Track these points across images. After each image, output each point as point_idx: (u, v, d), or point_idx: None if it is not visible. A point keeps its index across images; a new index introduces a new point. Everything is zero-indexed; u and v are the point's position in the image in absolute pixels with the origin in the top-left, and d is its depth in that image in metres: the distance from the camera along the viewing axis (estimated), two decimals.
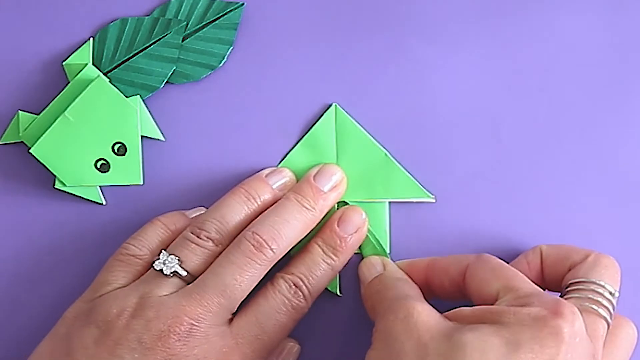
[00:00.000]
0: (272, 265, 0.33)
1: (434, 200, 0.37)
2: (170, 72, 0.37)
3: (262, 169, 0.37)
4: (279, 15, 0.38)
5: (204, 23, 0.37)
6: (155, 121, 0.37)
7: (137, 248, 0.34)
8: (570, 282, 0.31)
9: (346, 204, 0.37)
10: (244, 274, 0.32)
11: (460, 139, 0.37)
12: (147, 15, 0.37)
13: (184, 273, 0.32)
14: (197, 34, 0.37)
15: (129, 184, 0.36)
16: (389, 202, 0.37)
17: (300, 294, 0.33)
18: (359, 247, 0.37)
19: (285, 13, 0.38)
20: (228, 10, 0.37)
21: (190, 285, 0.32)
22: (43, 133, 0.35)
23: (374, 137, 0.37)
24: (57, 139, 0.35)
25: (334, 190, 0.35)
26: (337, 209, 0.36)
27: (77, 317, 0.32)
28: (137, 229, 0.36)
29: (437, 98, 0.37)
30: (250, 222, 0.33)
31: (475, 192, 0.37)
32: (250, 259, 0.32)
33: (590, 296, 0.30)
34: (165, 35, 0.37)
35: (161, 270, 0.32)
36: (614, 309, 0.31)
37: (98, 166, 0.36)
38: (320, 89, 0.37)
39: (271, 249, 0.32)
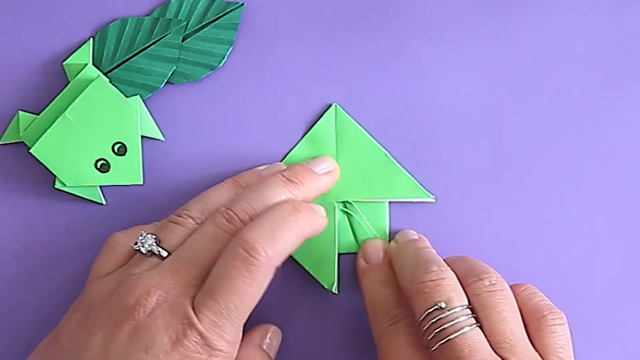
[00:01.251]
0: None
1: (434, 200, 0.37)
2: (170, 72, 0.37)
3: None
4: (279, 15, 0.38)
5: (204, 23, 0.37)
6: (155, 121, 0.37)
7: (123, 234, 0.34)
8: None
9: (347, 204, 0.37)
10: (217, 243, 0.31)
11: (460, 139, 0.37)
12: (147, 15, 0.37)
13: (164, 252, 0.32)
14: (197, 34, 0.37)
15: (129, 184, 0.36)
16: (389, 202, 0.37)
17: (260, 250, 0.30)
18: (359, 248, 0.37)
19: (285, 13, 0.38)
20: (228, 10, 0.37)
21: (167, 258, 0.32)
22: (43, 133, 0.35)
23: (374, 137, 0.37)
24: (57, 139, 0.35)
25: (326, 176, 0.35)
26: (338, 209, 0.36)
27: (71, 309, 0.33)
28: None
29: (437, 98, 0.37)
30: None
31: (475, 192, 0.37)
32: (222, 230, 0.31)
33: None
34: (165, 35, 0.37)
35: (139, 250, 0.32)
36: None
37: (98, 166, 0.36)
38: (320, 89, 0.37)
39: (242, 222, 0.31)
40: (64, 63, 0.37)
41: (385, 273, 0.34)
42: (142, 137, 0.36)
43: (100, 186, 0.36)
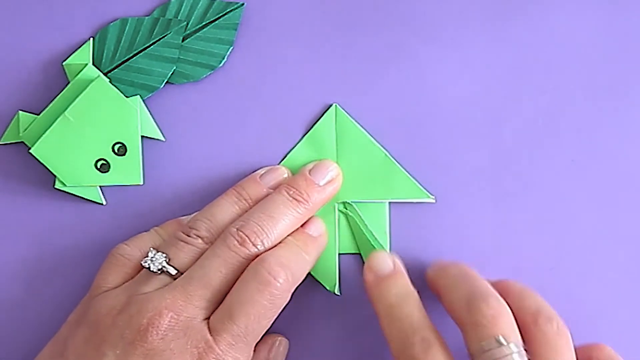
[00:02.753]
0: None
1: (433, 201, 0.37)
2: (170, 72, 0.37)
3: (261, 168, 0.37)
4: (279, 15, 0.38)
5: (204, 23, 0.37)
6: (155, 121, 0.37)
7: (128, 247, 0.34)
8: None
9: (347, 204, 0.37)
10: (228, 266, 0.31)
11: (460, 139, 0.37)
12: (147, 15, 0.37)
13: (173, 270, 0.32)
14: (197, 34, 0.37)
15: (129, 184, 0.36)
16: (389, 203, 0.37)
17: (282, 274, 0.31)
18: (359, 249, 0.37)
19: (285, 13, 0.38)
20: (228, 10, 0.37)
21: (177, 279, 0.32)
22: (43, 133, 0.35)
23: (374, 137, 0.37)
24: (57, 139, 0.35)
25: (330, 184, 0.35)
26: (338, 210, 0.36)
27: (74, 320, 0.32)
28: (137, 229, 0.36)
29: (438, 98, 0.37)
30: None
31: (476, 192, 0.37)
32: (235, 253, 0.32)
33: None
34: (165, 35, 0.37)
35: (149, 267, 0.32)
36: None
37: (98, 166, 0.36)
38: (320, 88, 0.37)
39: (254, 245, 0.32)
40: (64, 63, 0.37)
41: (401, 283, 0.33)
42: (142, 137, 0.36)
43: (100, 186, 0.36)
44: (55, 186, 0.36)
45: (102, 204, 0.37)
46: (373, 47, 0.38)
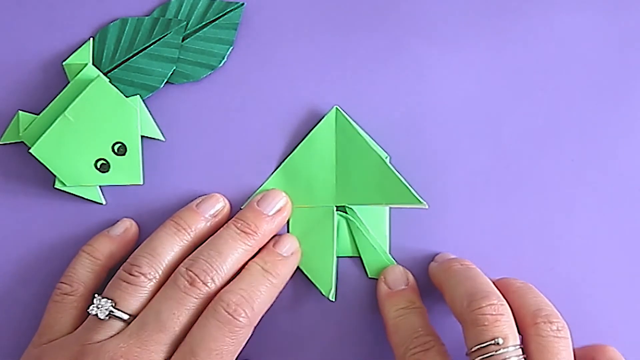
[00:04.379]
0: (214, 295, 0.32)
1: (426, 207, 0.35)
2: (170, 72, 0.37)
3: (261, 170, 0.37)
4: (279, 15, 0.38)
5: (204, 23, 0.37)
6: (155, 121, 0.37)
7: (68, 285, 0.34)
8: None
9: (348, 208, 0.37)
10: (181, 307, 0.31)
11: (460, 139, 0.37)
12: (147, 15, 0.37)
13: (124, 315, 0.32)
14: (197, 34, 0.37)
15: (129, 184, 0.36)
16: (389, 207, 0.37)
17: (242, 312, 0.32)
18: (359, 251, 0.37)
19: (285, 13, 0.38)
20: (228, 10, 0.37)
21: (130, 325, 0.31)
22: (43, 133, 0.35)
23: (374, 137, 0.37)
24: (57, 139, 0.35)
25: (279, 214, 0.35)
26: (337, 211, 0.36)
27: None
28: (137, 229, 0.36)
29: (438, 98, 0.37)
30: (184, 253, 0.34)
31: (476, 194, 0.37)
32: (186, 294, 0.32)
33: None
34: (165, 35, 0.37)
35: (96, 315, 0.32)
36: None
37: (98, 166, 0.36)
38: (320, 88, 0.37)
39: (205, 284, 0.32)
40: (64, 63, 0.37)
41: (409, 299, 0.34)
42: (142, 137, 0.36)
43: (100, 186, 0.36)
44: (55, 186, 0.36)
45: (102, 204, 0.37)
46: (373, 48, 0.38)
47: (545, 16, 0.38)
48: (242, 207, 0.36)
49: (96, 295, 0.32)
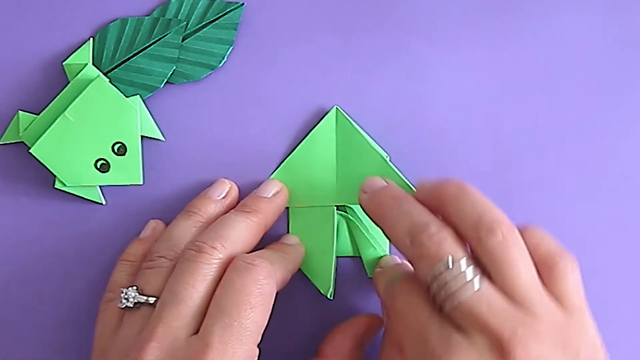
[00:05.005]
0: (227, 264, 0.32)
1: None
2: (170, 72, 0.37)
3: (261, 170, 0.37)
4: (279, 15, 0.38)
5: (204, 23, 0.37)
6: (155, 121, 0.37)
7: (110, 293, 0.34)
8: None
9: (348, 208, 0.37)
10: (195, 277, 0.31)
11: (460, 140, 0.37)
12: (147, 15, 0.37)
13: (151, 299, 0.31)
14: (197, 34, 0.37)
15: (129, 184, 0.36)
16: None
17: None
18: (359, 250, 0.37)
19: (285, 13, 0.38)
20: (228, 10, 0.37)
21: (156, 308, 0.31)
22: (43, 133, 0.35)
23: (374, 137, 0.37)
24: (57, 139, 0.35)
25: (278, 196, 0.36)
26: (338, 211, 0.36)
27: None
28: (137, 229, 0.36)
29: (438, 98, 0.37)
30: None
31: None
32: (197, 262, 0.31)
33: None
34: (165, 35, 0.37)
35: (126, 307, 0.32)
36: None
37: (98, 166, 0.36)
38: (320, 88, 0.37)
39: (214, 248, 0.32)
40: (64, 63, 0.37)
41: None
42: (142, 137, 0.36)
43: (100, 186, 0.36)
44: (55, 186, 0.36)
45: (102, 204, 0.37)
46: (373, 48, 0.38)
47: (545, 16, 0.38)
48: None
49: (121, 288, 0.32)
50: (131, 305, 0.31)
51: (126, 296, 0.32)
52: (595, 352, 0.29)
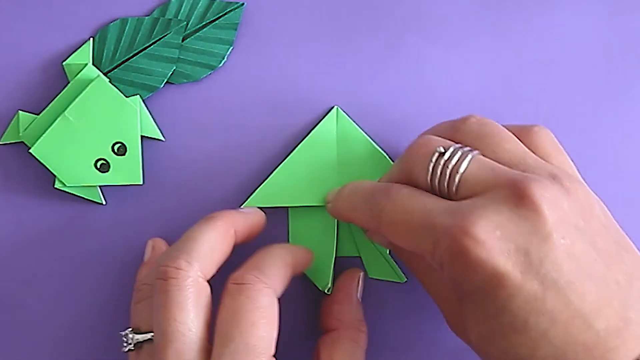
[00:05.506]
0: (204, 279, 0.30)
1: None
2: (170, 72, 0.37)
3: (261, 170, 0.37)
4: (279, 15, 0.38)
5: (204, 23, 0.37)
6: (155, 121, 0.37)
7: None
8: None
9: None
10: (174, 309, 0.29)
11: None
12: (147, 15, 0.37)
13: (147, 335, 0.30)
14: (197, 34, 0.37)
15: (129, 184, 0.36)
16: None
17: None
18: (359, 250, 0.37)
19: (285, 13, 0.38)
20: (228, 10, 0.37)
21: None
22: (43, 133, 0.35)
23: (373, 137, 0.37)
24: (57, 139, 0.35)
25: (249, 209, 0.35)
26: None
27: None
28: (137, 229, 0.36)
29: (438, 98, 0.37)
30: None
31: None
32: (167, 292, 0.29)
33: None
34: (165, 35, 0.37)
35: (129, 350, 0.31)
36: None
37: (98, 166, 0.36)
38: (320, 88, 0.37)
39: (179, 269, 0.30)
40: (64, 63, 0.37)
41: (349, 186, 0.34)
42: (142, 137, 0.36)
43: (100, 186, 0.36)
44: (55, 186, 0.36)
45: (102, 204, 0.37)
46: (373, 48, 0.38)
47: (546, 17, 0.38)
48: (241, 207, 0.36)
49: (121, 333, 0.31)
50: (133, 348, 0.31)
51: (126, 339, 0.31)
52: (591, 200, 0.29)
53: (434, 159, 0.29)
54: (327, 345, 0.33)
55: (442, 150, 0.29)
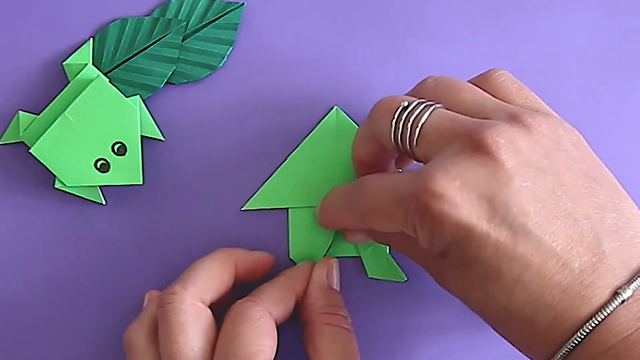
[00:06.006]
0: (203, 303, 0.31)
1: None
2: (170, 72, 0.37)
3: (261, 170, 0.37)
4: (279, 15, 0.38)
5: (204, 23, 0.37)
6: (155, 121, 0.37)
7: None
8: None
9: None
10: (174, 331, 0.30)
11: None
12: (147, 15, 0.37)
13: None
14: (197, 34, 0.37)
15: (129, 184, 0.36)
16: None
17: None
18: (359, 250, 0.37)
19: (285, 13, 0.38)
20: (228, 10, 0.37)
21: None
22: (43, 133, 0.35)
23: None
24: (57, 139, 0.35)
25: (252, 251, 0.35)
26: None
27: None
28: (137, 229, 0.36)
29: None
30: None
31: None
32: (164, 317, 0.31)
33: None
34: (165, 35, 0.37)
35: None
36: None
37: (98, 166, 0.36)
38: (320, 88, 0.37)
39: (173, 294, 0.31)
40: (64, 63, 0.37)
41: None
42: (142, 137, 0.36)
43: (100, 186, 0.36)
44: (55, 186, 0.36)
45: (102, 204, 0.37)
46: (373, 48, 0.38)
47: (546, 17, 0.38)
48: (242, 208, 0.36)
49: None
50: None
51: None
52: (556, 133, 0.28)
53: (396, 114, 0.29)
54: (307, 338, 0.33)
55: (406, 104, 0.29)
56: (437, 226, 0.26)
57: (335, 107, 0.37)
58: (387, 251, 0.37)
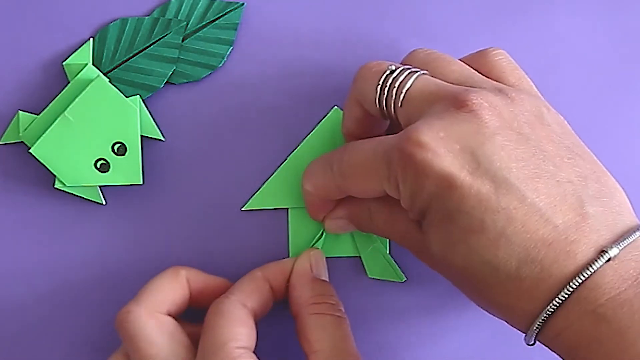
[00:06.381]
0: (162, 314, 0.32)
1: None
2: (170, 72, 0.37)
3: (261, 170, 0.37)
4: (279, 15, 0.38)
5: (204, 23, 0.37)
6: (155, 121, 0.37)
7: None
8: None
9: None
10: (133, 338, 0.31)
11: None
12: (147, 15, 0.37)
13: None
14: (197, 34, 0.37)
15: (129, 184, 0.36)
16: None
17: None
18: (359, 250, 0.37)
19: (285, 13, 0.38)
20: (228, 10, 0.37)
21: None
22: (43, 133, 0.35)
23: None
24: (57, 139, 0.35)
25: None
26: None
27: None
28: (137, 229, 0.36)
29: None
30: None
31: None
32: (121, 331, 0.32)
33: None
34: (165, 35, 0.37)
35: None
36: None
37: (98, 166, 0.36)
38: (321, 88, 0.37)
39: (127, 311, 0.32)
40: (64, 63, 0.37)
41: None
42: (142, 137, 0.36)
43: (100, 186, 0.36)
44: (55, 186, 0.36)
45: (102, 204, 0.37)
46: (373, 48, 0.38)
47: (546, 17, 0.38)
48: (242, 209, 0.36)
49: None
50: None
51: None
52: (539, 110, 0.29)
53: (382, 78, 0.30)
54: (299, 331, 0.33)
55: (393, 68, 0.30)
56: (420, 175, 0.27)
57: (335, 107, 0.37)
58: (387, 251, 0.37)
